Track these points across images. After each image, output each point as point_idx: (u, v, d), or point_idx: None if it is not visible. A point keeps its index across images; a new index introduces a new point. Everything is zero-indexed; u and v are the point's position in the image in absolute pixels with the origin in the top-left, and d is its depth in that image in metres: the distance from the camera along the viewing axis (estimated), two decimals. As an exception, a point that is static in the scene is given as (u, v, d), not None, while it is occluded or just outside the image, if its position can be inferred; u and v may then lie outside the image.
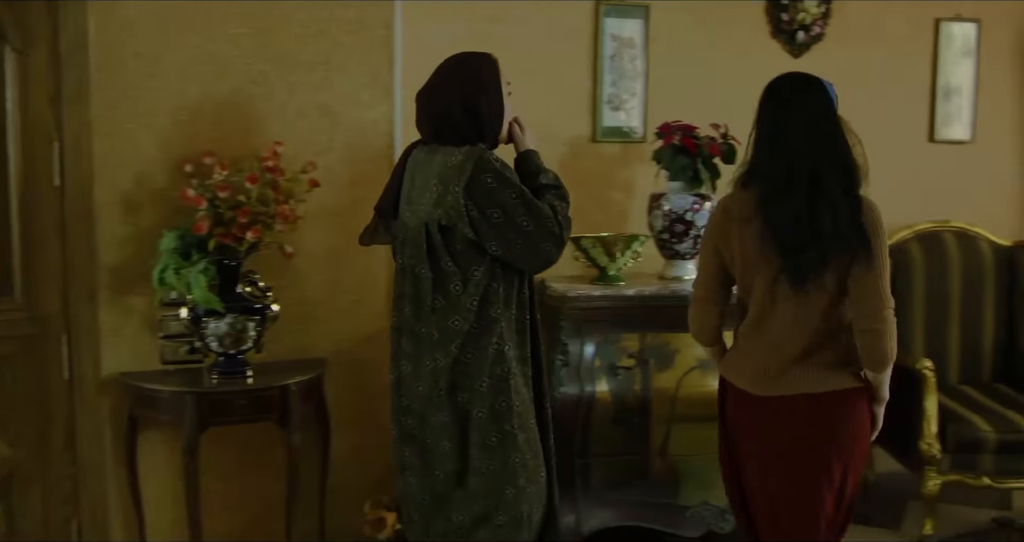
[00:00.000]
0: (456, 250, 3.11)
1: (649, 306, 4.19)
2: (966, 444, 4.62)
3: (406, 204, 3.22)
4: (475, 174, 3.05)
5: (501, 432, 3.13)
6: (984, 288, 5.18)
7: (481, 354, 3.12)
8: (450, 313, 3.12)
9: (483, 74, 3.21)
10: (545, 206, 3.13)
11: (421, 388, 3.18)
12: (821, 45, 5.06)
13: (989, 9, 5.38)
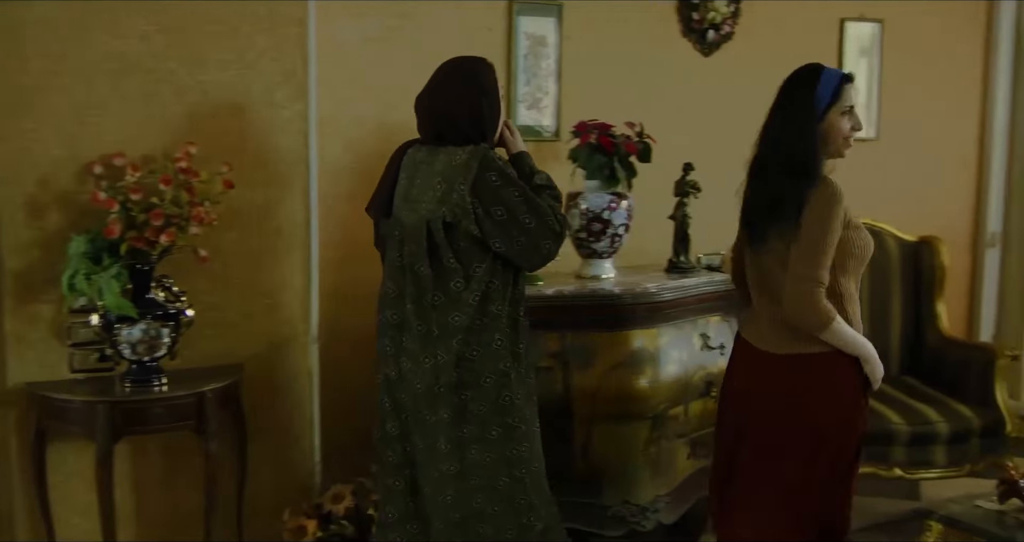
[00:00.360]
0: (459, 247, 3.23)
1: (569, 305, 4.17)
2: (879, 437, 4.70)
3: (403, 202, 3.31)
4: (480, 172, 3.18)
5: (503, 425, 3.27)
6: (891, 283, 5.28)
7: (486, 350, 3.25)
8: (450, 309, 3.23)
9: (482, 77, 3.35)
10: (544, 204, 3.26)
11: (419, 385, 3.27)
12: (731, 44, 5.11)
13: (891, 9, 5.48)
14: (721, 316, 4.54)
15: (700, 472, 4.52)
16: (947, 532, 3.59)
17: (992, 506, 3.61)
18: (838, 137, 3.39)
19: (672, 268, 4.65)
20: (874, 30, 5.45)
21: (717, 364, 4.44)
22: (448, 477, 3.29)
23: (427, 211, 3.23)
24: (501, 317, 3.28)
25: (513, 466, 3.30)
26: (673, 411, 4.36)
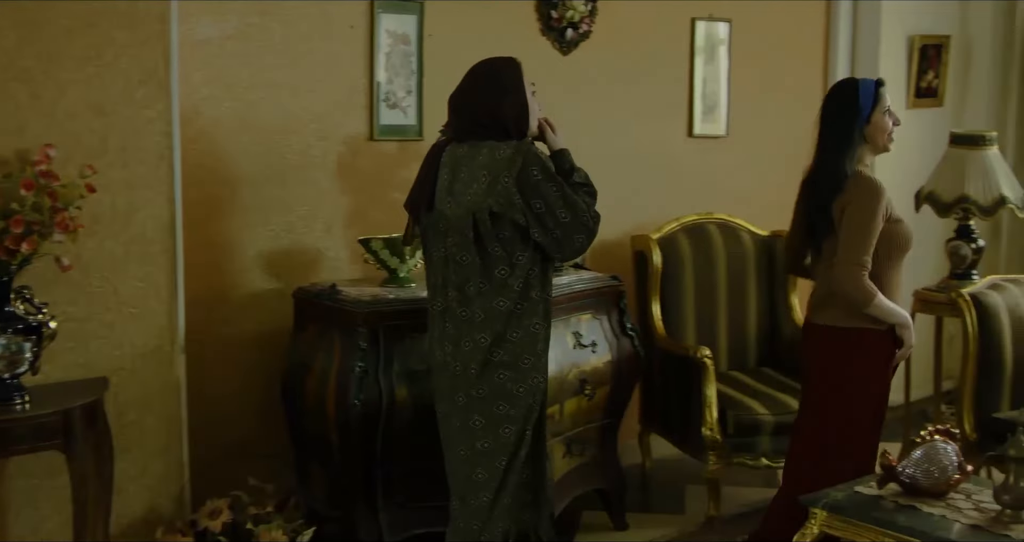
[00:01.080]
0: (504, 236, 3.45)
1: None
2: (746, 428, 4.80)
3: (446, 196, 3.51)
4: (524, 166, 3.41)
5: (536, 404, 3.57)
6: (747, 277, 5.40)
7: (525, 333, 3.50)
8: (495, 295, 3.47)
9: (503, 77, 3.55)
10: (580, 201, 3.49)
11: (458, 367, 3.50)
12: (588, 43, 5.13)
13: (738, 9, 5.60)
14: (592, 314, 4.55)
15: (576, 470, 4.53)
16: (830, 518, 3.66)
17: (871, 491, 3.70)
18: (883, 134, 3.88)
19: (541, 267, 4.63)
20: (723, 29, 5.56)
21: (590, 362, 4.46)
22: (479, 454, 3.53)
23: (472, 203, 3.43)
24: (539, 303, 3.53)
25: (519, 447, 3.57)
26: (549, 410, 4.34)
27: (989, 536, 3.37)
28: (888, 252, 3.77)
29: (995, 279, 5.06)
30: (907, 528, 3.47)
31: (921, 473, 3.65)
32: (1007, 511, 3.48)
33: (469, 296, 3.48)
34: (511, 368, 3.50)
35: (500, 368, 3.50)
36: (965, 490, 3.67)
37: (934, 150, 6.22)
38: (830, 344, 3.88)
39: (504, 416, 3.52)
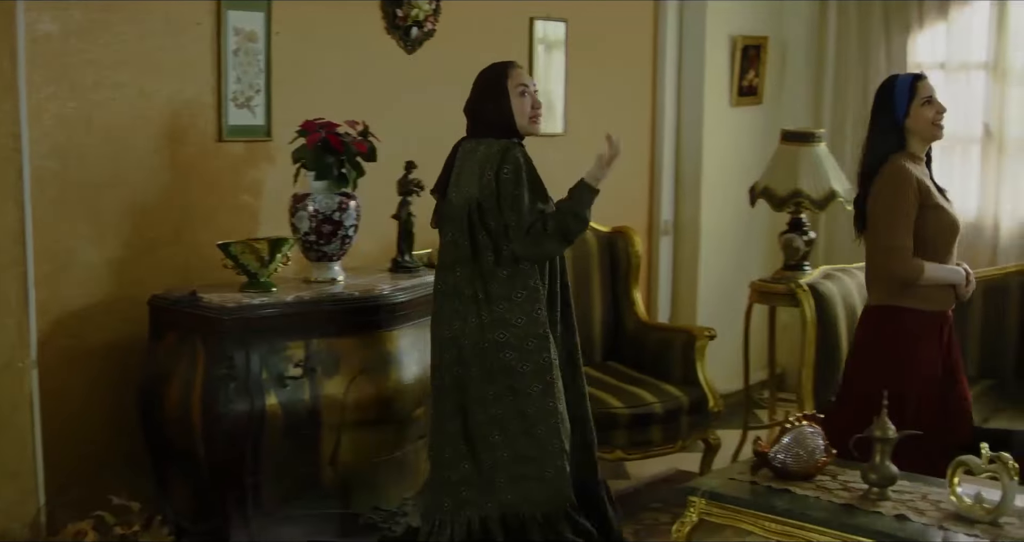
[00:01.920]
0: (490, 226, 3.79)
1: (311, 311, 4.02)
2: (602, 422, 4.84)
3: (454, 186, 3.88)
4: (501, 163, 3.74)
5: (543, 383, 3.80)
6: (591, 273, 5.47)
7: (528, 319, 3.78)
8: (489, 280, 3.79)
9: (484, 82, 3.96)
10: (533, 212, 3.75)
11: (466, 342, 3.79)
12: (433, 41, 5.10)
13: (574, 9, 5.67)
14: (452, 313, 4.53)
15: (440, 471, 4.51)
16: (709, 505, 3.76)
17: (745, 477, 3.82)
18: (926, 124, 4.02)
19: (397, 268, 4.59)
20: (560, 29, 5.62)
21: (453, 362, 4.44)
22: (496, 420, 3.81)
23: (467, 194, 3.80)
24: (539, 290, 3.81)
25: (550, 416, 3.84)
26: (416, 413, 4.31)
27: (861, 514, 3.53)
28: (930, 238, 3.96)
29: (828, 269, 5.29)
30: (786, 510, 3.59)
31: (791, 457, 3.78)
32: (874, 489, 3.64)
33: (471, 277, 3.79)
34: (516, 349, 3.77)
35: (506, 348, 3.77)
36: (830, 471, 3.83)
37: (756, 146, 6.49)
38: (869, 322, 4.13)
39: (511, 389, 3.79)
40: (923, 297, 4.01)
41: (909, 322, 4.02)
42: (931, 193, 4.00)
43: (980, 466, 3.47)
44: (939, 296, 4.06)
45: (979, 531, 3.38)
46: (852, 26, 6.39)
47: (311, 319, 4.01)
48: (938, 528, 3.41)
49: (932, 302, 4.03)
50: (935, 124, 4.05)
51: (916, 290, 3.99)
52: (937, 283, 4.01)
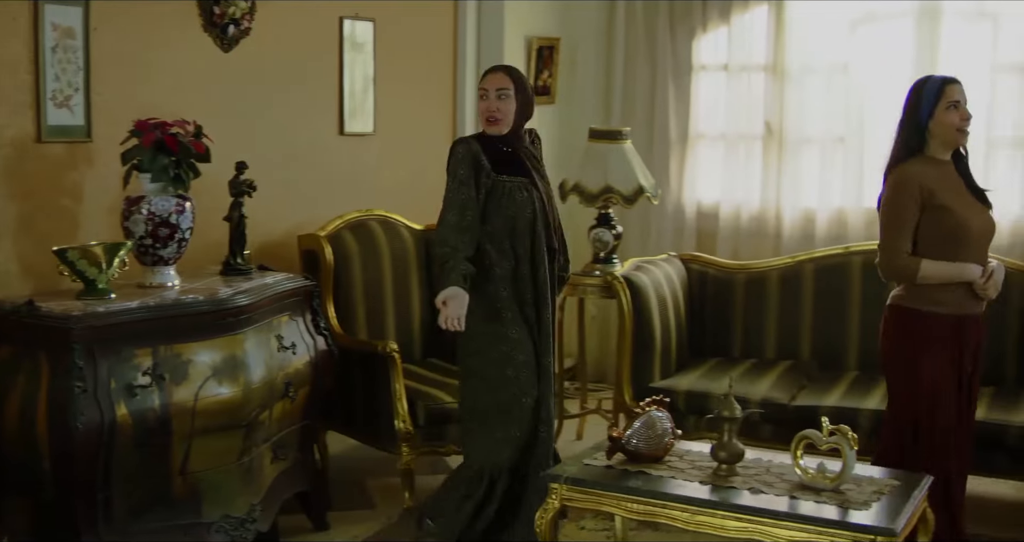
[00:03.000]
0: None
1: (158, 318, 3.89)
2: (435, 417, 4.91)
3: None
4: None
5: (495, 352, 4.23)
6: (410, 271, 5.51)
7: (482, 297, 4.16)
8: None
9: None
10: (449, 204, 4.17)
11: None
12: (249, 40, 5.01)
13: (381, 9, 5.69)
14: (289, 315, 4.48)
15: (283, 475, 4.45)
16: (570, 491, 3.87)
17: (601, 462, 3.95)
18: (948, 128, 4.00)
19: (229, 270, 4.50)
20: (368, 29, 5.62)
21: (292, 364, 4.40)
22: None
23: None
24: (495, 269, 4.20)
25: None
26: (262, 416, 4.23)
27: (716, 489, 3.73)
28: (936, 240, 3.97)
29: (638, 262, 5.53)
30: (648, 491, 3.76)
31: (643, 441, 3.96)
32: (723, 466, 3.86)
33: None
34: (469, 323, 4.14)
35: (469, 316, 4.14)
36: (677, 452, 4.03)
37: (551, 144, 6.66)
38: (887, 320, 4.14)
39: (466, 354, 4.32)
40: (935, 300, 4.01)
41: (920, 325, 4.03)
42: (938, 194, 3.98)
43: (822, 439, 3.74)
44: (952, 299, 4.01)
45: (825, 498, 3.64)
46: (639, 28, 6.66)
47: (158, 325, 3.88)
48: (789, 497, 3.66)
49: (945, 305, 4.00)
50: (959, 130, 4.01)
51: (927, 292, 4.01)
52: (939, 281, 3.98)
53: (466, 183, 4.15)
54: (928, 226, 3.99)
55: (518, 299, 4.25)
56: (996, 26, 5.90)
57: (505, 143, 4.24)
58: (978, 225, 4.04)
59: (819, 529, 3.52)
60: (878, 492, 3.70)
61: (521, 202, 4.22)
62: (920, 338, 4.05)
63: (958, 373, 4.04)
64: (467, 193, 4.15)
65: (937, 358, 4.00)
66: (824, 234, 6.26)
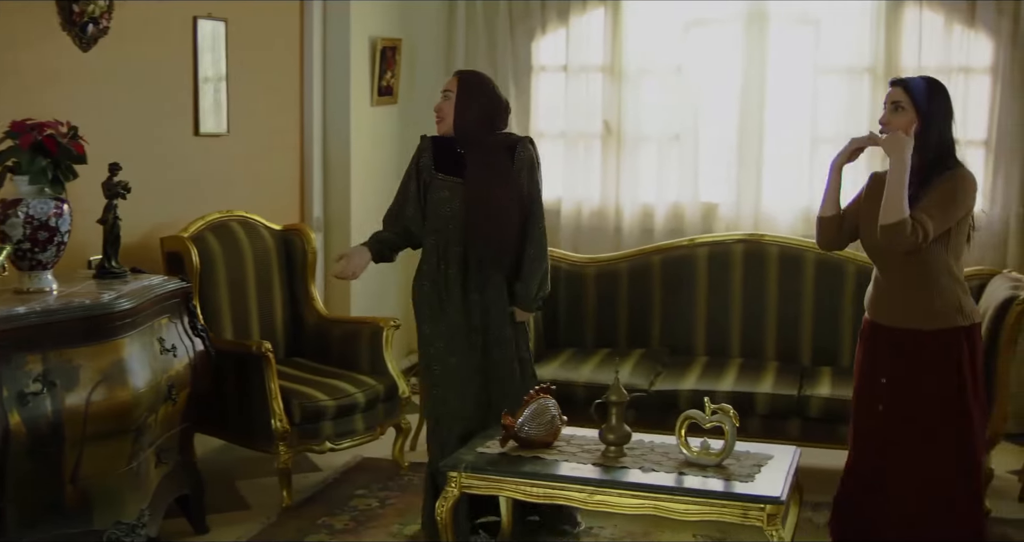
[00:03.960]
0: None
1: (46, 323, 3.81)
2: (310, 415, 4.94)
3: None
4: None
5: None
6: (272, 271, 5.52)
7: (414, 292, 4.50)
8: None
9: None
10: (397, 193, 4.49)
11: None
12: (107, 39, 4.91)
13: (234, 9, 5.66)
14: (168, 317, 4.44)
15: (166, 478, 4.41)
16: (469, 478, 3.99)
17: (496, 449, 4.10)
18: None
19: (104, 274, 4.42)
20: (220, 28, 5.58)
21: (174, 366, 4.36)
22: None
23: None
24: (422, 266, 4.48)
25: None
26: (150, 420, 4.19)
27: (609, 469, 3.94)
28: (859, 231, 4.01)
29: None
30: (547, 474, 3.94)
31: (534, 427, 4.12)
32: (611, 448, 4.07)
33: None
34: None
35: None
36: (564, 437, 4.22)
37: (395, 145, 6.80)
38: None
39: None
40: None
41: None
42: (861, 198, 4.01)
43: (706, 418, 3.98)
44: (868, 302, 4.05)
45: (712, 473, 3.89)
46: (479, 29, 6.80)
47: (47, 331, 3.80)
48: (677, 474, 3.89)
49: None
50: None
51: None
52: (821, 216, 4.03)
53: (408, 176, 4.44)
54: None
55: (438, 296, 4.38)
56: (818, 30, 6.31)
57: (459, 143, 4.37)
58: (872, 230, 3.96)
59: (713, 501, 3.77)
60: (757, 465, 3.97)
61: (439, 200, 4.36)
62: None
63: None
64: (405, 186, 4.46)
65: (860, 357, 4.07)
66: (663, 228, 6.56)
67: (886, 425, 3.93)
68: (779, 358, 5.64)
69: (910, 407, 3.89)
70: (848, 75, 6.27)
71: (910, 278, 3.84)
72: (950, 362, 3.85)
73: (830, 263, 5.59)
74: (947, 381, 3.85)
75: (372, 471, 5.44)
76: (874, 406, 3.96)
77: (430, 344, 4.42)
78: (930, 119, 3.79)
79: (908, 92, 3.80)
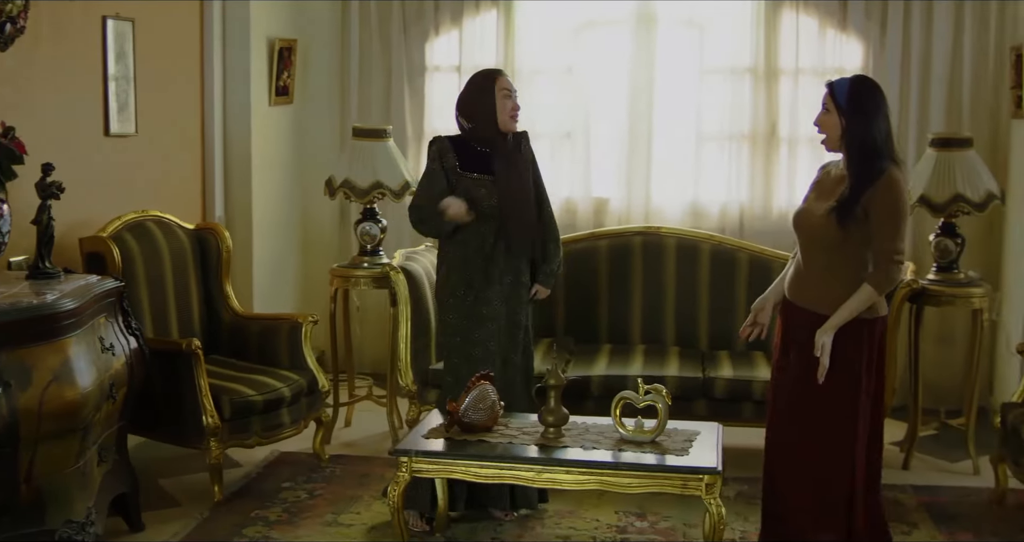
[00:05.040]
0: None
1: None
2: (240, 410, 5.02)
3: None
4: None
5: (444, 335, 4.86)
6: (188, 270, 5.56)
7: (440, 278, 4.85)
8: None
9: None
10: (419, 193, 4.80)
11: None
12: (24, 38, 4.87)
13: (141, 9, 5.67)
14: (105, 317, 4.47)
15: (107, 476, 4.44)
16: (419, 461, 4.15)
17: (440, 435, 4.27)
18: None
19: (38, 274, 4.42)
20: (128, 28, 5.58)
21: (113, 365, 4.39)
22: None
23: None
24: (448, 251, 4.85)
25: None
26: (96, 417, 4.22)
27: (551, 449, 4.17)
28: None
29: (406, 252, 5.84)
30: (495, 455, 4.14)
31: (477, 413, 4.32)
32: (551, 429, 4.29)
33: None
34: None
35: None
36: (503, 422, 4.43)
37: (292, 144, 6.90)
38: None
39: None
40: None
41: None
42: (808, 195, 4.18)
43: (639, 398, 4.24)
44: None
45: (647, 448, 4.16)
46: (373, 29, 6.91)
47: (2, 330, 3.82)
48: (617, 451, 4.14)
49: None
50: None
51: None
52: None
53: (433, 176, 4.72)
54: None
55: (466, 284, 4.71)
56: (703, 33, 6.66)
57: (480, 143, 4.70)
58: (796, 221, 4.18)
59: (655, 474, 4.03)
60: (688, 440, 4.25)
61: (478, 197, 4.65)
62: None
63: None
64: (430, 185, 4.72)
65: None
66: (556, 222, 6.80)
67: (779, 405, 4.13)
68: (679, 343, 5.96)
69: (802, 394, 4.03)
70: (731, 75, 6.62)
71: (827, 268, 4.01)
72: (848, 353, 3.97)
73: (724, 254, 5.94)
74: (842, 372, 3.96)
75: (293, 465, 5.54)
76: (781, 378, 4.15)
77: (455, 334, 4.76)
78: (851, 118, 3.93)
79: (832, 94, 3.97)
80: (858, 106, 3.93)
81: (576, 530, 4.72)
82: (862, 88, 3.99)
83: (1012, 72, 5.99)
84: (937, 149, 5.49)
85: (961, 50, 6.34)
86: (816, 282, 4.05)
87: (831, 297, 3.98)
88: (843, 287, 3.96)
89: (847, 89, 3.96)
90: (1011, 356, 5.81)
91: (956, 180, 5.37)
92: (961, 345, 6.34)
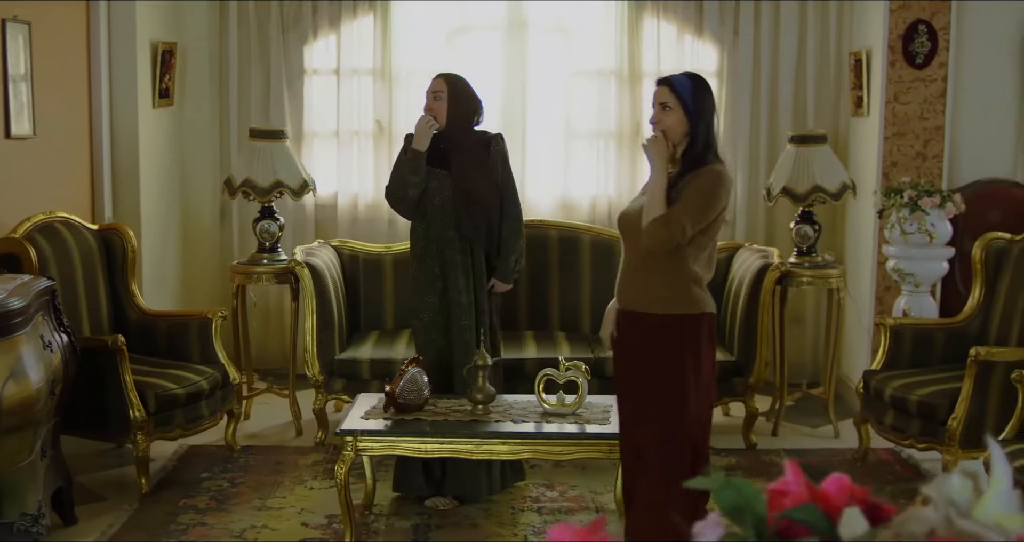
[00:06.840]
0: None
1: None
2: (164, 404, 5.18)
3: None
4: None
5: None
6: (96, 270, 5.67)
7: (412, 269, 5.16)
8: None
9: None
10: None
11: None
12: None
13: (37, 11, 5.73)
14: (42, 315, 4.59)
15: (48, 471, 4.57)
16: (365, 441, 4.44)
17: (379, 416, 4.56)
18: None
19: (-28, 275, 4.52)
20: (25, 30, 5.63)
21: (53, 362, 4.52)
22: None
23: None
24: (415, 248, 5.16)
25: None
26: (44, 414, 4.35)
27: (483, 424, 4.55)
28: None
29: (305, 248, 6.09)
30: (436, 432, 4.47)
31: (411, 394, 4.64)
32: (479, 406, 4.65)
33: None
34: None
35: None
36: (432, 403, 4.76)
37: (175, 146, 7.01)
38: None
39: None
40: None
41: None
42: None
43: (560, 374, 4.64)
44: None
45: (571, 419, 4.56)
46: (252, 32, 7.07)
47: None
48: (543, 423, 4.54)
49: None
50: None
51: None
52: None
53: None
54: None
55: (424, 274, 4.98)
56: (569, 38, 7.10)
57: (443, 139, 4.89)
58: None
59: (583, 442, 4.44)
60: (606, 411, 4.67)
61: (432, 190, 4.92)
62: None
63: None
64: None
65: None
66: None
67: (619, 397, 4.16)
68: (563, 329, 6.39)
69: (628, 388, 4.04)
70: (597, 77, 7.08)
71: (645, 264, 3.92)
72: (671, 348, 3.88)
73: (603, 245, 6.39)
74: (667, 368, 3.88)
75: (205, 457, 5.72)
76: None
77: (417, 316, 5.10)
78: (698, 117, 3.86)
79: (674, 91, 3.85)
80: (703, 104, 3.88)
81: (494, 501, 5.09)
82: (703, 85, 3.94)
83: (852, 75, 6.65)
84: (796, 145, 6.10)
85: (806, 54, 6.97)
86: (635, 281, 3.97)
87: (652, 295, 3.91)
88: (666, 286, 3.89)
89: (690, 87, 3.88)
90: (860, 330, 6.47)
91: (815, 173, 5.98)
92: (811, 324, 6.99)
